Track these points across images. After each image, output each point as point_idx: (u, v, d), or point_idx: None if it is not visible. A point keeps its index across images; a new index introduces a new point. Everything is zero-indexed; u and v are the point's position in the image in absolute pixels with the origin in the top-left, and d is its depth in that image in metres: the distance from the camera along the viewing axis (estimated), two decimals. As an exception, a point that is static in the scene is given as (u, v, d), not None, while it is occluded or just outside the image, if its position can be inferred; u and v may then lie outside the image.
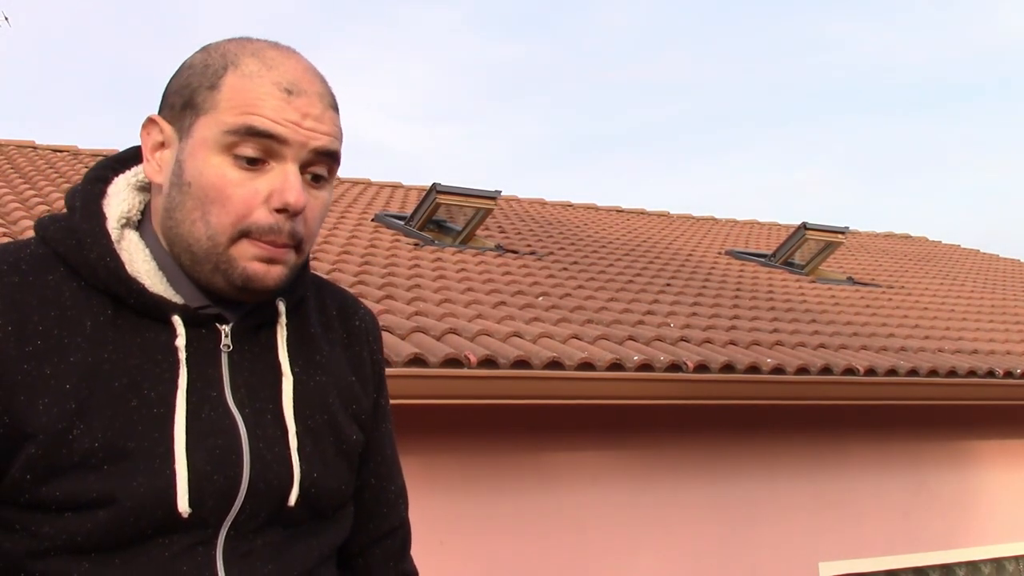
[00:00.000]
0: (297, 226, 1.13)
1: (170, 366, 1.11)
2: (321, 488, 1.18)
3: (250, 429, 1.14)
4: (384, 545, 1.35)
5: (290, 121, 1.11)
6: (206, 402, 1.12)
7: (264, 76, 1.11)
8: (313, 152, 1.12)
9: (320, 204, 1.16)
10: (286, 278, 1.15)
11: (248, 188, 1.10)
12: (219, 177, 1.10)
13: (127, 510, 1.05)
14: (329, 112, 1.15)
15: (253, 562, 1.13)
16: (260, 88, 1.11)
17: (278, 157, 1.11)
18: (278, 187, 1.10)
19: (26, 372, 1.05)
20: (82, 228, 1.14)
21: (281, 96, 1.11)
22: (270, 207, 1.11)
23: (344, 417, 1.24)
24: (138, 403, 1.08)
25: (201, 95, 1.12)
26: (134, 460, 1.06)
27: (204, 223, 1.11)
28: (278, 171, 1.11)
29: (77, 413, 1.05)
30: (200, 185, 1.11)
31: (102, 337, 1.10)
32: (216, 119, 1.11)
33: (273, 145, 1.10)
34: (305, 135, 1.11)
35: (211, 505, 1.09)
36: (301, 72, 1.14)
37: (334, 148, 1.15)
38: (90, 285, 1.12)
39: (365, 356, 1.32)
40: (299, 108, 1.11)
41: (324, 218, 1.19)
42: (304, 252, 1.17)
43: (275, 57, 1.14)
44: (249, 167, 1.10)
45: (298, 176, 1.12)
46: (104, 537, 1.05)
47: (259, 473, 1.12)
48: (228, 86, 1.11)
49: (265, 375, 1.18)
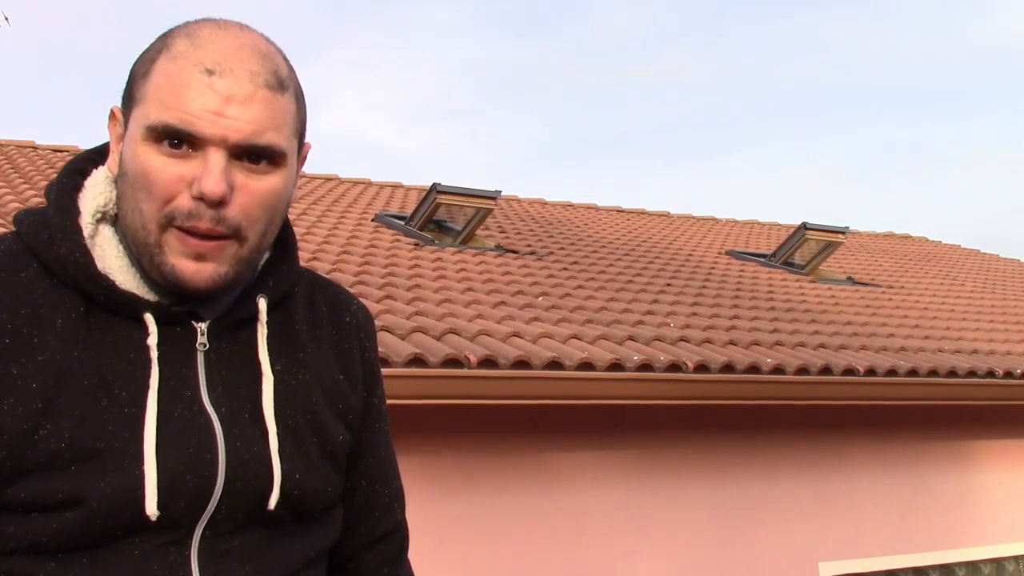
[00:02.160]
0: (227, 213, 1.07)
1: (142, 365, 1.08)
2: (304, 489, 1.15)
3: (226, 428, 1.10)
4: (377, 550, 1.31)
5: (208, 110, 1.05)
6: (179, 401, 1.09)
7: (188, 57, 1.07)
8: (235, 145, 1.07)
9: (263, 189, 1.10)
10: (225, 275, 1.10)
11: (172, 172, 1.07)
12: (145, 164, 1.07)
13: (94, 511, 1.03)
14: (262, 92, 1.07)
15: (229, 563, 1.09)
16: (183, 72, 1.06)
17: (201, 145, 1.07)
18: (198, 174, 1.06)
19: None
20: (54, 222, 1.11)
21: (202, 79, 1.06)
22: (191, 194, 1.07)
23: (329, 417, 1.20)
24: (108, 402, 1.06)
25: (136, 84, 1.11)
26: (103, 460, 1.04)
27: (138, 212, 1.09)
28: (201, 158, 1.07)
29: (44, 413, 1.03)
30: (132, 173, 1.09)
31: (72, 335, 1.07)
32: (143, 111, 1.08)
33: (192, 138, 1.07)
34: (224, 127, 1.06)
35: (183, 505, 1.06)
36: (233, 49, 1.08)
37: (262, 143, 1.08)
38: (61, 282, 1.09)
39: (355, 353, 1.27)
40: (222, 91, 1.06)
41: (275, 204, 1.12)
42: (249, 240, 1.11)
43: (207, 35, 1.09)
44: (175, 153, 1.07)
45: (219, 164, 1.06)
46: (70, 538, 1.03)
47: (235, 472, 1.09)
48: (156, 72, 1.08)
49: (244, 374, 1.15)
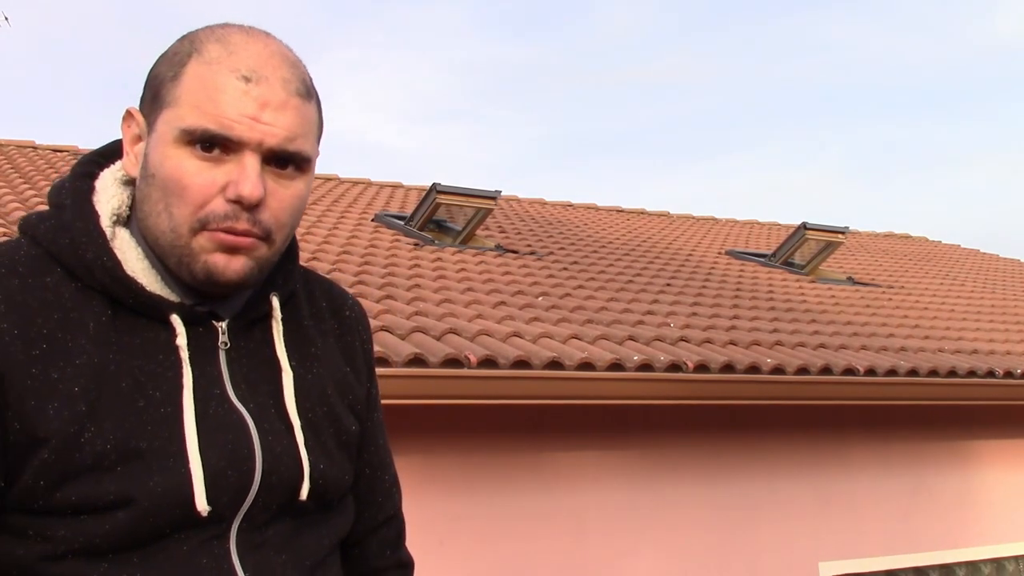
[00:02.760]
0: (260, 216, 1.10)
1: (172, 365, 1.11)
2: (328, 479, 1.19)
3: (258, 423, 1.14)
4: (380, 534, 1.35)
5: (246, 115, 1.08)
6: (211, 399, 1.12)
7: (223, 63, 1.09)
8: (269, 150, 1.10)
9: (291, 195, 1.13)
10: (252, 271, 1.13)
11: (205, 178, 1.09)
12: (178, 168, 1.09)
13: (145, 510, 1.05)
14: (294, 100, 1.11)
15: (267, 553, 1.13)
16: (218, 77, 1.09)
17: (236, 150, 1.09)
18: (234, 178, 1.08)
19: (34, 376, 1.04)
20: (75, 227, 1.12)
21: (239, 85, 1.08)
22: (226, 197, 1.09)
23: (342, 408, 1.25)
24: (145, 403, 1.08)
25: (165, 87, 1.11)
26: (147, 460, 1.06)
27: (167, 215, 1.10)
28: (235, 162, 1.09)
29: (88, 416, 1.05)
30: (162, 177, 1.10)
31: (105, 338, 1.09)
32: (176, 114, 1.09)
33: (229, 143, 1.09)
34: (261, 132, 1.09)
35: (226, 500, 1.10)
36: (266, 57, 1.11)
37: (293, 149, 1.11)
38: (86, 286, 1.11)
39: (357, 346, 1.32)
40: (257, 97, 1.09)
41: (300, 209, 1.16)
42: (276, 244, 1.14)
43: (239, 41, 1.11)
44: (208, 157, 1.09)
45: (256, 167, 1.09)
46: (122, 537, 1.05)
47: (271, 466, 1.13)
48: (189, 76, 1.10)
49: (263, 371, 1.18)
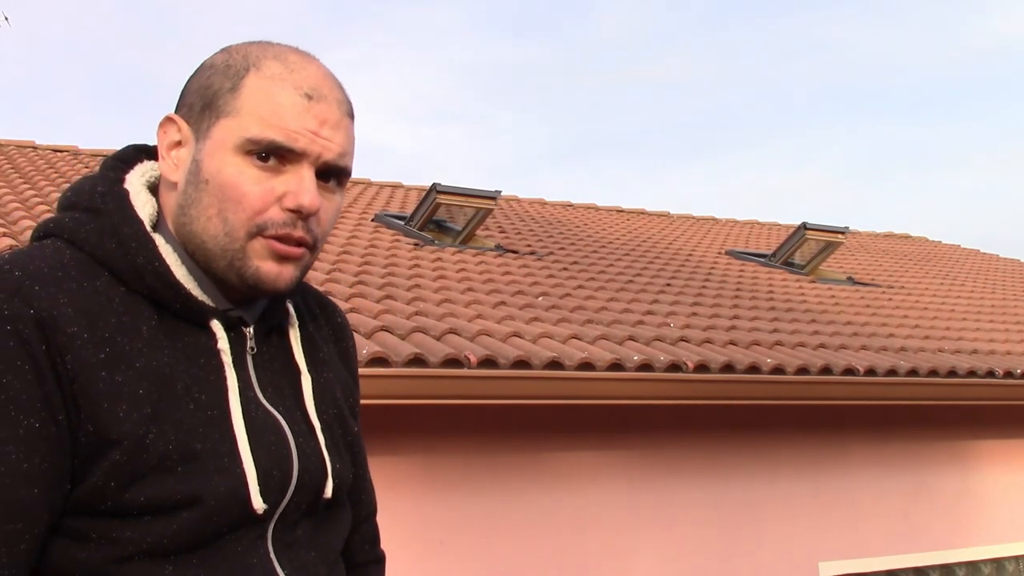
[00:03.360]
0: (311, 225, 1.16)
1: (214, 369, 1.14)
2: (342, 479, 1.25)
3: (290, 425, 1.19)
4: (362, 530, 1.40)
5: (308, 129, 1.13)
6: (251, 402, 1.16)
7: (286, 79, 1.14)
8: (325, 163, 1.15)
9: (333, 208, 1.19)
10: (296, 279, 1.18)
11: (264, 187, 1.13)
12: (237, 176, 1.12)
13: (211, 509, 1.08)
14: (346, 120, 1.17)
15: (298, 551, 1.18)
16: (281, 93, 1.13)
17: (294, 161, 1.14)
18: (293, 189, 1.13)
19: (104, 379, 1.06)
20: (123, 232, 1.14)
21: (301, 102, 1.13)
22: (283, 207, 1.13)
23: (347, 411, 1.30)
24: (195, 406, 1.11)
25: (222, 98, 1.14)
26: (204, 461, 1.09)
27: (221, 219, 1.13)
28: (293, 173, 1.14)
29: (151, 418, 1.07)
30: (218, 183, 1.13)
31: (157, 342, 1.12)
32: (238, 124, 1.13)
33: (291, 154, 1.13)
34: (321, 145, 1.14)
35: (272, 499, 1.14)
36: (322, 78, 1.17)
37: (343, 164, 1.17)
38: (132, 290, 1.12)
39: (351, 351, 1.38)
40: (318, 115, 1.14)
41: (336, 221, 1.23)
42: (316, 252, 1.20)
43: (297, 61, 1.16)
44: (266, 167, 1.13)
45: (313, 180, 1.14)
46: (187, 538, 1.08)
47: (304, 467, 1.18)
48: (249, 88, 1.13)
49: (285, 375, 1.23)
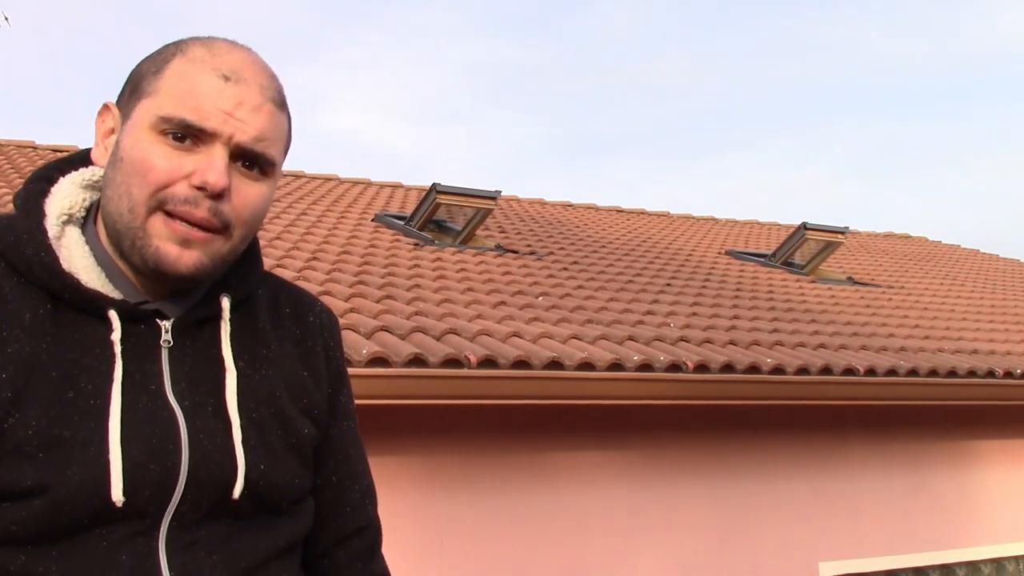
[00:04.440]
0: (221, 207, 1.14)
1: (106, 360, 1.13)
2: (269, 481, 1.18)
3: (189, 421, 1.15)
4: (350, 545, 1.34)
5: (222, 110, 1.13)
6: (143, 394, 1.14)
7: (206, 62, 1.15)
8: (238, 145, 1.14)
9: (254, 194, 1.17)
10: (204, 266, 1.16)
11: (173, 163, 1.13)
12: (147, 152, 1.14)
13: (61, 498, 1.06)
14: (268, 106, 1.17)
15: (197, 552, 1.13)
16: (199, 74, 1.14)
17: (207, 142, 1.14)
18: (201, 167, 1.13)
19: None
20: (19, 224, 1.17)
21: (218, 82, 1.14)
22: (190, 183, 1.13)
23: (293, 411, 1.24)
24: (75, 394, 1.10)
25: (146, 80, 1.17)
26: (69, 450, 1.08)
27: (128, 196, 1.14)
28: (205, 153, 1.14)
29: (12, 402, 1.07)
30: (130, 159, 1.15)
31: (40, 330, 1.12)
32: (155, 103, 1.15)
33: (203, 134, 1.14)
34: (234, 126, 1.14)
35: (147, 495, 1.10)
36: (248, 63, 1.17)
37: (261, 149, 1.16)
38: (29, 281, 1.14)
39: (319, 351, 1.32)
40: (235, 96, 1.14)
41: (261, 210, 1.20)
42: (232, 240, 1.17)
43: (223, 47, 1.18)
44: (178, 146, 1.14)
45: (223, 159, 1.14)
46: (40, 527, 1.06)
47: (198, 463, 1.13)
48: (171, 71, 1.16)
49: (208, 369, 1.20)
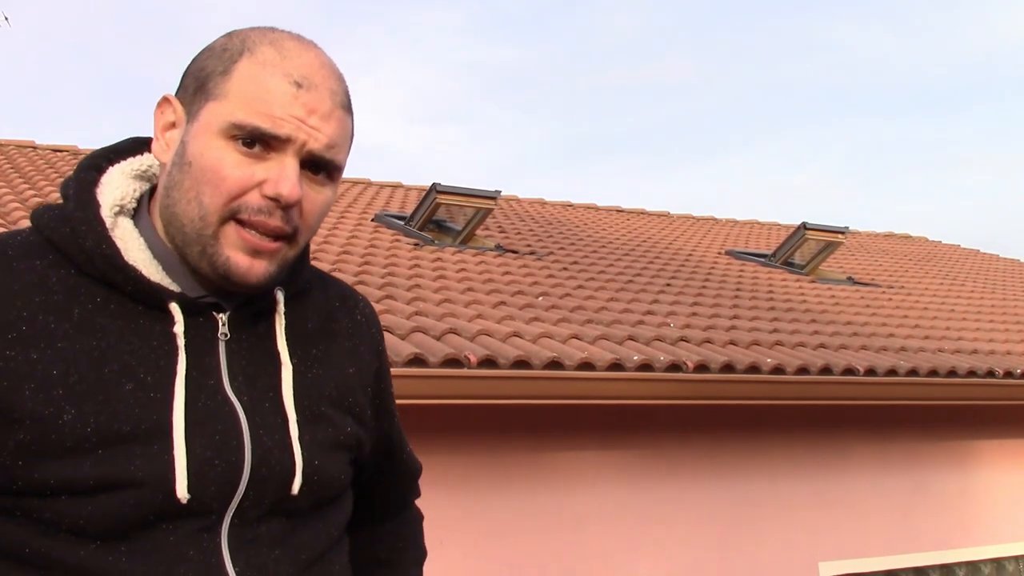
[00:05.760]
0: (291, 215, 1.13)
1: (167, 353, 1.12)
2: (323, 476, 1.19)
3: (249, 416, 1.14)
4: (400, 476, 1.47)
5: (295, 117, 1.11)
6: (203, 389, 1.13)
7: (277, 66, 1.12)
8: (310, 153, 1.13)
9: (321, 200, 1.17)
10: (272, 274, 1.15)
11: (245, 172, 1.11)
12: (218, 159, 1.11)
13: (126, 495, 1.05)
14: (338, 112, 1.15)
15: (259, 547, 1.13)
16: (271, 79, 1.11)
17: (279, 149, 1.12)
18: (274, 176, 1.11)
19: (10, 358, 1.06)
20: (75, 216, 1.14)
21: (290, 88, 1.11)
22: (262, 193, 1.11)
23: (339, 410, 1.25)
24: (134, 387, 1.09)
25: (213, 80, 1.14)
26: (131, 445, 1.06)
27: (197, 203, 1.12)
28: (276, 161, 1.12)
29: (66, 398, 1.06)
30: (200, 165, 1.12)
31: (91, 324, 1.10)
32: (225, 107, 1.12)
33: (275, 141, 1.11)
34: (307, 133, 1.12)
35: (213, 491, 1.10)
36: (317, 66, 1.15)
37: (331, 156, 1.15)
38: (83, 272, 1.12)
39: (363, 350, 1.33)
40: (307, 103, 1.12)
41: (324, 215, 1.20)
42: (299, 245, 1.17)
43: (292, 48, 1.14)
44: (249, 153, 1.11)
45: (295, 169, 1.12)
46: (106, 522, 1.06)
47: (260, 459, 1.13)
48: (240, 73, 1.12)
49: (263, 363, 1.19)
